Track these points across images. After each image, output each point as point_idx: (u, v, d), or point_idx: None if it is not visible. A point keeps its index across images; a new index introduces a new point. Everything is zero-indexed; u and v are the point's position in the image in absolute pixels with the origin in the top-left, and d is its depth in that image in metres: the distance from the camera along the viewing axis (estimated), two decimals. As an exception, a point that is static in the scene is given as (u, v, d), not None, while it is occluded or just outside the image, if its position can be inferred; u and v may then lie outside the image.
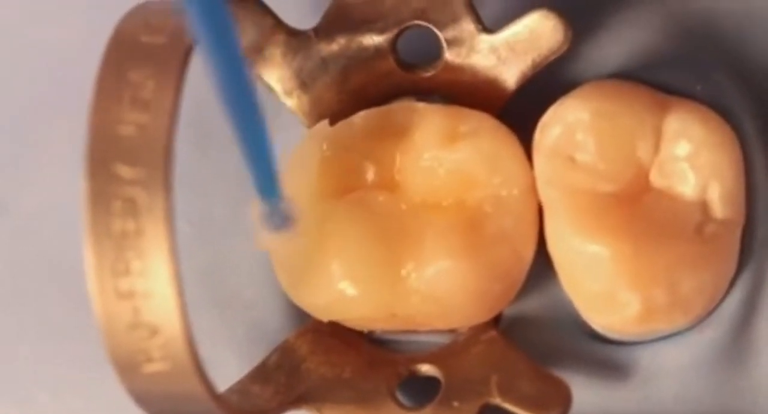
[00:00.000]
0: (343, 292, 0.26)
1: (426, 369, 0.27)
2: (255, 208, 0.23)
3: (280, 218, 0.23)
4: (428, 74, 0.27)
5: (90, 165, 0.21)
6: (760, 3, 0.27)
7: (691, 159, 0.26)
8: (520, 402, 0.25)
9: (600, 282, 0.25)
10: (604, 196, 0.26)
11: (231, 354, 0.28)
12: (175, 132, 0.21)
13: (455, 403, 0.25)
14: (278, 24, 0.27)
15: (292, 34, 0.27)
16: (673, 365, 0.27)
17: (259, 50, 0.27)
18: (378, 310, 0.26)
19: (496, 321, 0.27)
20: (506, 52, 0.27)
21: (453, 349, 0.27)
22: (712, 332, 0.27)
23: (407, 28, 0.27)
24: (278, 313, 0.28)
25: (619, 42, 0.28)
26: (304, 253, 0.26)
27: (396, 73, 0.27)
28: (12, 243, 0.29)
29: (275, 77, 0.27)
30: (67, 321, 0.28)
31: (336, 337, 0.27)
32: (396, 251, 0.26)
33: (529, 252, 0.26)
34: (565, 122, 0.26)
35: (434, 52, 0.27)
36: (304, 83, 0.27)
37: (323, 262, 0.26)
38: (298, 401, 0.26)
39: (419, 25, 0.27)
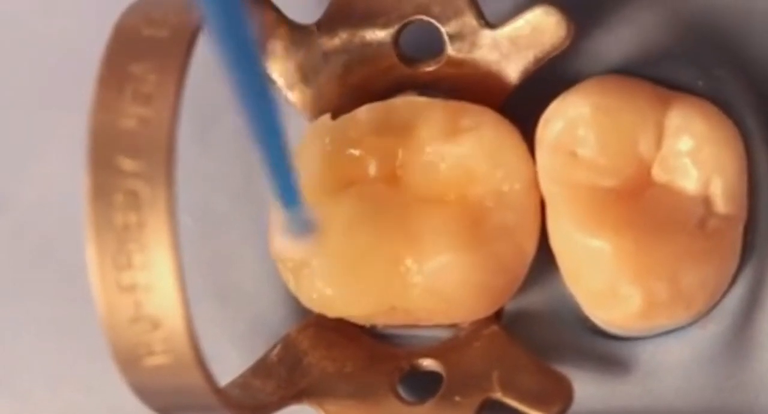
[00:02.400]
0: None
1: (427, 364, 0.27)
2: (275, 216, 0.22)
3: (300, 226, 0.23)
4: (430, 69, 0.27)
5: (92, 158, 0.21)
6: (761, -1, 0.27)
7: (693, 154, 0.26)
8: (521, 397, 0.25)
9: (602, 277, 0.25)
10: (605, 191, 0.26)
11: (232, 348, 0.28)
12: (177, 125, 0.21)
13: (457, 398, 0.25)
14: (280, 18, 0.27)
15: (295, 28, 0.27)
16: (675, 360, 0.27)
17: (261, 44, 0.27)
18: (378, 304, 0.26)
19: (498, 316, 0.27)
20: (508, 47, 0.27)
21: (454, 344, 0.27)
22: (714, 327, 0.27)
23: (409, 22, 0.27)
24: (280, 307, 0.28)
25: (621, 37, 0.28)
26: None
27: (398, 68, 0.27)
28: (13, 237, 0.29)
29: (277, 71, 0.27)
30: (67, 315, 0.28)
31: (337, 331, 0.27)
32: (397, 245, 0.26)
33: (530, 246, 0.26)
34: (567, 117, 0.26)
35: (436, 46, 0.27)
36: (306, 77, 0.27)
37: (315, 258, 0.26)
38: (300, 396, 0.26)
39: (421, 20, 0.27)
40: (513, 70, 0.27)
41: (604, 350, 0.27)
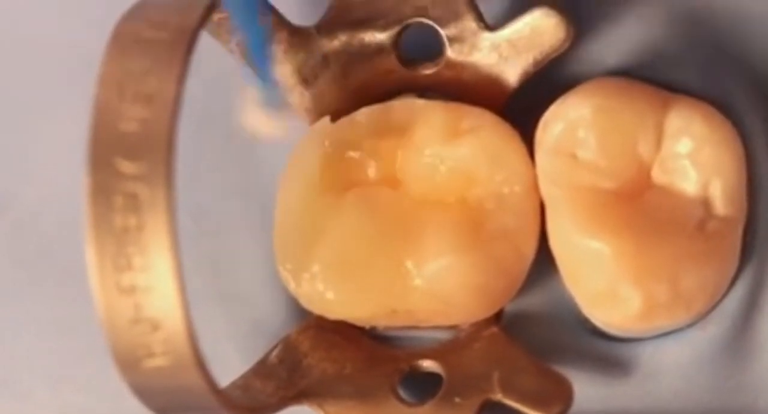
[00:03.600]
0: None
1: (427, 365, 0.27)
2: (248, 92, 0.24)
3: (274, 101, 0.25)
4: (430, 71, 0.27)
5: (92, 160, 0.21)
6: (761, 0, 0.27)
7: (692, 156, 0.26)
8: (521, 398, 0.25)
9: (601, 278, 0.25)
10: (605, 193, 0.26)
11: (232, 349, 0.28)
12: (176, 127, 0.21)
13: (457, 399, 0.25)
14: (280, 21, 0.27)
15: (294, 31, 0.27)
16: (675, 362, 0.27)
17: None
18: (379, 307, 0.26)
19: (498, 317, 0.27)
20: (508, 49, 0.27)
21: (454, 345, 0.27)
22: (714, 329, 0.27)
23: (409, 25, 0.27)
24: (280, 309, 0.28)
25: (621, 39, 0.28)
26: (305, 249, 0.26)
27: (397, 70, 0.27)
28: (13, 237, 0.29)
29: (277, 74, 0.27)
30: (67, 315, 0.28)
31: (337, 333, 0.27)
32: (397, 248, 0.26)
33: (530, 248, 0.26)
34: (567, 119, 0.26)
35: (436, 49, 0.27)
36: (305, 80, 0.27)
37: (315, 261, 0.26)
38: (300, 397, 0.26)
39: (421, 23, 0.27)
40: (512, 73, 0.27)
41: (603, 351, 0.27)
